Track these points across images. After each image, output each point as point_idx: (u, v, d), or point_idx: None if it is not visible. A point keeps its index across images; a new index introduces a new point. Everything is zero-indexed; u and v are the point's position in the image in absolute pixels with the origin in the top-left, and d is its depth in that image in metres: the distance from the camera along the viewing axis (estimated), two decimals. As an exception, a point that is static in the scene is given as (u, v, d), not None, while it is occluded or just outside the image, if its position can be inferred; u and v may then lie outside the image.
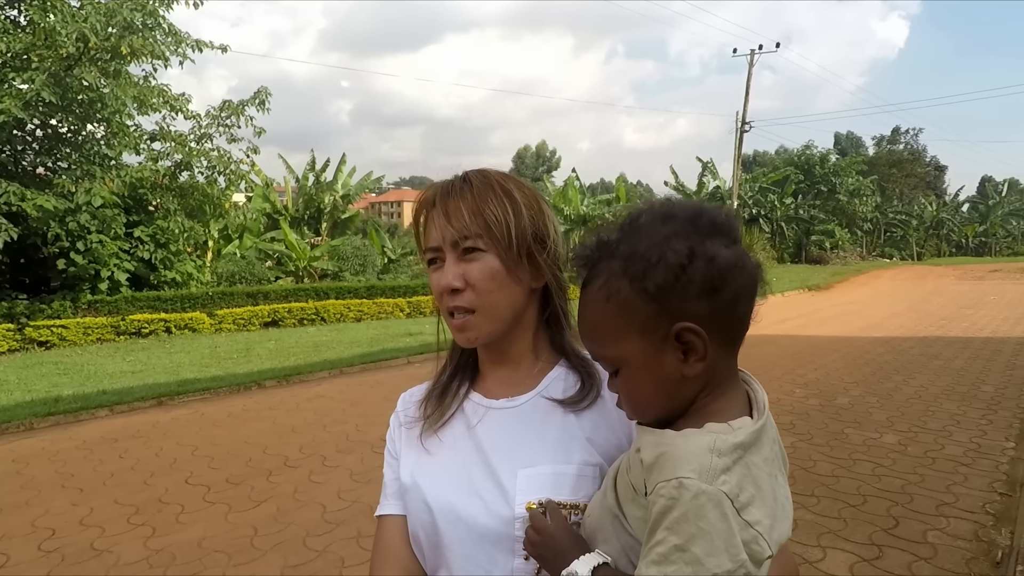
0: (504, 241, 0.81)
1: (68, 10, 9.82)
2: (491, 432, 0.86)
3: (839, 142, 55.35)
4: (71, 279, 11.13)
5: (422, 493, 0.85)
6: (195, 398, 6.99)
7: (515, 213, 0.82)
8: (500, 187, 0.84)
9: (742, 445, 0.63)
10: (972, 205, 48.96)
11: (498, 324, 0.84)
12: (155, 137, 11.90)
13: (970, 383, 6.88)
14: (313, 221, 24.58)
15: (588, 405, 0.85)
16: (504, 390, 0.89)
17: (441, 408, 0.91)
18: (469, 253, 0.82)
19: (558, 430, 0.84)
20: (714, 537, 0.58)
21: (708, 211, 0.68)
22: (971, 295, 17.31)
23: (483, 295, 0.82)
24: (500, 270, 0.82)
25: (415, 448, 0.90)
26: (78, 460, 5.00)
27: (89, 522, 3.81)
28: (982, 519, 3.49)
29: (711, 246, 0.65)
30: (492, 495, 0.81)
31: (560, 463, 0.81)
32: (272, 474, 4.53)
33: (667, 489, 0.60)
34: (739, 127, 25.36)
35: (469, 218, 0.81)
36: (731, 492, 0.59)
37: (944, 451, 4.64)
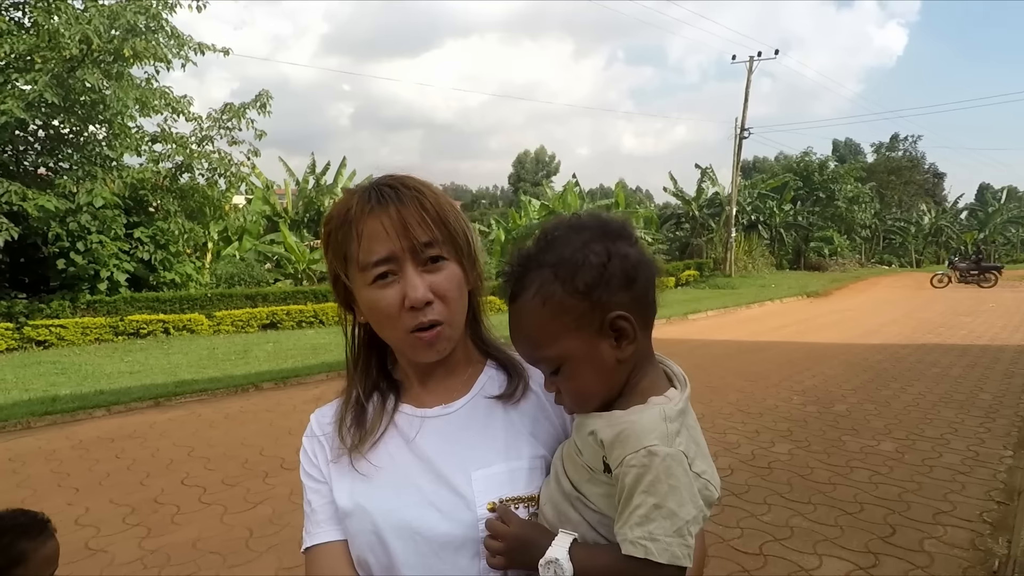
0: (464, 248, 0.81)
1: (72, 12, 9.87)
2: (433, 441, 0.83)
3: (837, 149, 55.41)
4: (70, 279, 11.14)
5: (369, 516, 0.80)
6: (192, 399, 6.98)
7: (464, 220, 0.83)
8: (442, 194, 0.82)
9: (682, 411, 0.74)
10: (971, 212, 49.06)
11: (459, 332, 0.84)
12: (156, 139, 11.93)
13: (968, 391, 6.88)
14: (313, 224, 24.58)
15: (521, 397, 0.86)
16: (438, 398, 0.86)
17: (365, 431, 0.85)
18: (435, 262, 0.78)
19: (503, 428, 0.84)
20: (682, 490, 0.68)
21: (610, 219, 0.78)
22: (969, 302, 17.32)
23: (451, 304, 0.80)
24: (461, 278, 0.81)
25: (348, 475, 0.84)
26: (74, 460, 4.99)
27: (84, 522, 3.80)
28: (979, 528, 3.49)
29: (621, 246, 0.75)
30: (448, 502, 0.78)
31: (512, 460, 0.81)
32: (268, 476, 4.53)
33: (636, 458, 0.69)
34: (738, 133, 25.43)
35: (434, 226, 0.78)
36: (686, 451, 0.70)
37: (942, 459, 4.64)
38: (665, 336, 11.24)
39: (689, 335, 11.57)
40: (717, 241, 26.73)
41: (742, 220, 28.18)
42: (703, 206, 29.33)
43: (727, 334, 11.76)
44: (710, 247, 26.54)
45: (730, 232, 25.34)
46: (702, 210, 29.21)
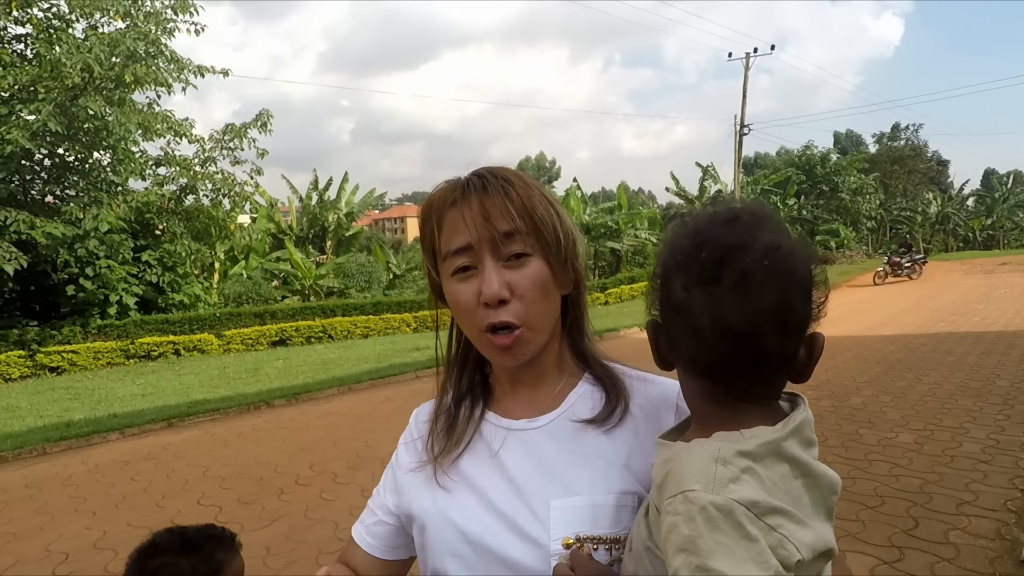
0: (553, 245, 0.74)
1: (73, 42, 10.03)
2: (515, 458, 0.77)
3: (839, 141, 55.27)
4: (80, 304, 11.24)
5: (447, 528, 0.77)
6: (205, 419, 7.00)
7: (558, 214, 0.75)
8: (536, 187, 0.76)
9: (750, 454, 0.58)
10: (978, 198, 48.71)
11: (542, 338, 0.76)
12: (160, 162, 12.07)
13: (985, 378, 6.79)
14: (318, 239, 24.75)
15: (618, 423, 0.78)
16: (525, 410, 0.80)
17: (452, 440, 0.81)
18: (517, 258, 0.73)
19: (592, 456, 0.76)
20: (734, 549, 0.53)
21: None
22: (981, 289, 17.15)
23: (531, 306, 0.73)
24: (548, 277, 0.74)
25: (429, 485, 0.81)
26: (91, 484, 5.01)
27: (102, 545, 3.80)
28: (1004, 517, 3.43)
29: None
30: (523, 528, 0.73)
31: (597, 493, 0.73)
32: (283, 493, 4.52)
33: (673, 505, 0.57)
34: (738, 130, 25.41)
35: (518, 217, 0.72)
36: (743, 499, 0.55)
37: (962, 448, 4.57)
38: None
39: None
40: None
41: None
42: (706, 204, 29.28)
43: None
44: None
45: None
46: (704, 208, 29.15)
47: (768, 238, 0.61)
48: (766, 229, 0.62)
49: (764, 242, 0.60)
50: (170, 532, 1.23)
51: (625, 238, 25.05)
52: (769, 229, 0.62)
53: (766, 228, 0.62)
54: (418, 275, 22.89)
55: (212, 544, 1.22)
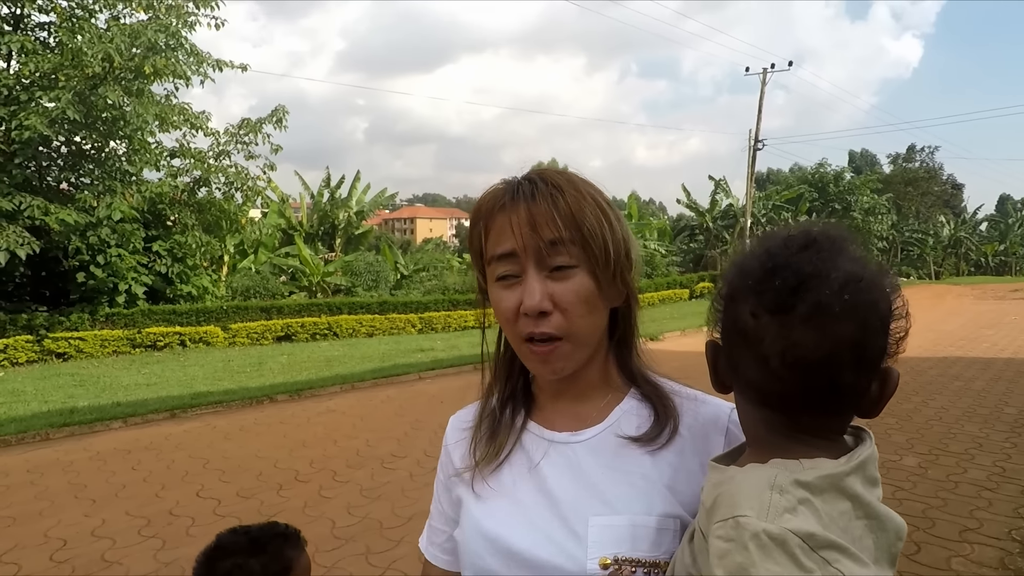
0: (601, 258, 0.71)
1: (95, 31, 10.14)
2: (556, 472, 0.75)
3: (853, 160, 55.05)
4: (90, 292, 11.32)
5: (484, 541, 0.76)
6: (207, 411, 7.02)
7: (609, 224, 0.72)
8: (589, 194, 0.73)
9: (808, 485, 0.55)
10: (991, 223, 48.29)
11: (585, 352, 0.75)
12: (175, 154, 12.16)
13: (992, 405, 6.71)
14: (327, 237, 24.85)
15: (666, 443, 0.75)
16: (568, 422, 0.78)
17: (494, 447, 0.80)
18: (560, 270, 0.71)
19: (635, 475, 0.74)
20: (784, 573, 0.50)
21: None
22: (991, 315, 16.99)
23: (573, 320, 0.71)
24: (593, 290, 0.72)
25: (468, 492, 0.81)
26: (92, 471, 5.03)
27: (100, 533, 3.82)
28: (1008, 546, 3.39)
29: None
30: (560, 544, 0.71)
31: (638, 514, 0.71)
32: (282, 488, 4.52)
33: (724, 530, 0.54)
34: (752, 145, 25.34)
35: (564, 228, 0.70)
36: (799, 531, 0.52)
37: (967, 475, 4.52)
38: (680, 348, 11.13)
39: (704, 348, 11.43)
40: (731, 253, 26.46)
41: (756, 232, 28.00)
42: (717, 218, 29.20)
43: (742, 346, 11.62)
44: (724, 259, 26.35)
45: (744, 244, 25.11)
46: (716, 222, 29.08)
47: (848, 268, 0.58)
48: (846, 257, 0.59)
49: (844, 272, 0.57)
50: (234, 532, 1.22)
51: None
52: (849, 257, 0.59)
53: (845, 256, 0.59)
54: (425, 276, 22.92)
55: (279, 542, 1.21)
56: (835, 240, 0.60)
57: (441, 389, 8.13)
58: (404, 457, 5.19)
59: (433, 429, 6.05)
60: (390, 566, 3.32)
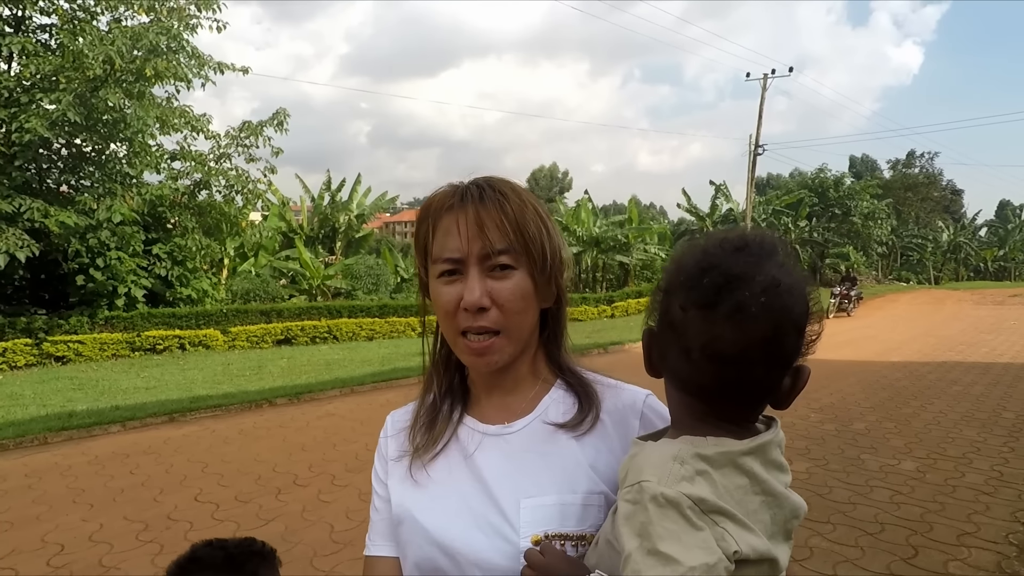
0: (539, 261, 0.77)
1: (96, 34, 10.19)
2: (490, 460, 0.80)
3: (854, 165, 55.11)
4: (89, 295, 11.33)
5: (420, 527, 0.79)
6: (206, 415, 7.02)
7: (547, 231, 0.79)
8: (530, 202, 0.79)
9: (708, 459, 0.62)
10: (991, 229, 48.35)
11: (518, 347, 0.80)
12: (175, 156, 12.19)
13: (990, 409, 6.72)
14: (327, 240, 24.88)
15: (588, 429, 0.81)
16: (500, 414, 0.84)
17: (431, 436, 0.84)
18: (501, 270, 0.76)
19: (561, 458, 0.79)
20: (682, 536, 0.57)
21: None
22: (991, 320, 16.99)
23: (510, 316, 0.77)
24: (530, 290, 0.77)
25: (405, 481, 0.84)
26: (90, 475, 5.02)
27: (98, 538, 3.81)
28: (1005, 550, 3.38)
29: None
30: (494, 528, 0.76)
31: (565, 493, 0.76)
32: (281, 492, 4.52)
33: (629, 495, 0.61)
34: (752, 150, 25.39)
35: (509, 232, 0.75)
36: (691, 495, 0.59)
37: (964, 479, 4.52)
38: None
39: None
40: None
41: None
42: (717, 222, 29.23)
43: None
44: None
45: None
46: (716, 226, 29.09)
47: (771, 273, 0.62)
48: (771, 262, 0.63)
49: (766, 277, 0.62)
50: (210, 546, 1.20)
51: (634, 252, 25.00)
52: (774, 263, 0.64)
53: (771, 261, 0.64)
54: (425, 280, 22.90)
55: (255, 561, 1.19)
56: (766, 246, 0.65)
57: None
58: (403, 461, 5.20)
59: (432, 433, 6.06)
60: (388, 570, 3.31)
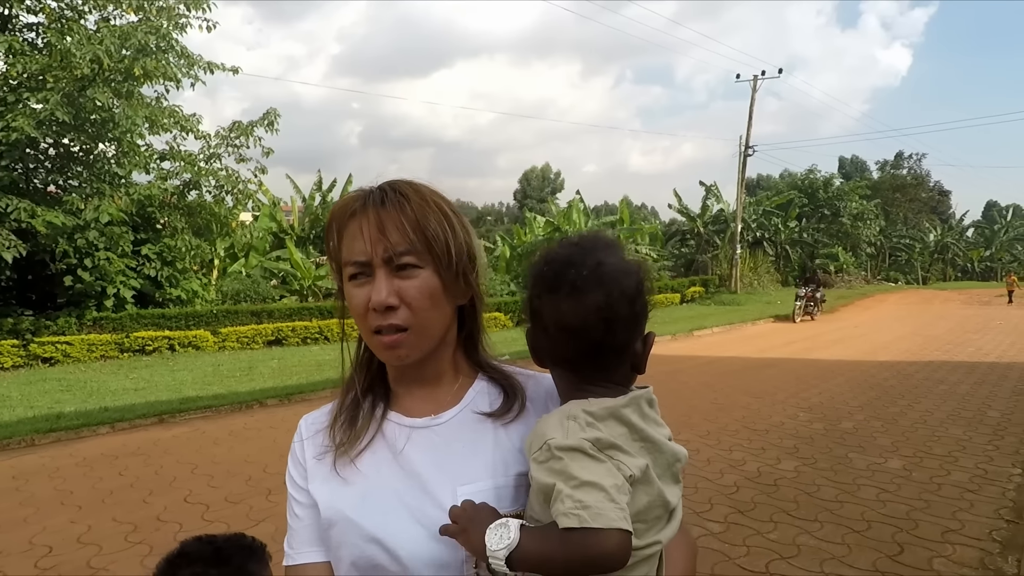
0: (444, 259, 0.78)
1: (85, 33, 10.09)
2: (419, 454, 0.81)
3: (843, 166, 55.57)
4: (77, 296, 11.22)
5: (357, 526, 0.78)
6: (196, 416, 6.98)
7: (452, 229, 0.80)
8: (434, 202, 0.80)
9: (593, 414, 0.74)
10: (978, 230, 48.92)
11: (430, 343, 0.82)
12: (165, 156, 12.10)
13: (976, 408, 6.81)
14: (319, 240, 24.76)
15: (515, 417, 0.85)
16: (426, 407, 0.85)
17: (355, 433, 0.84)
18: (406, 269, 0.78)
19: (492, 445, 0.82)
20: (592, 467, 0.69)
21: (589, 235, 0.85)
22: (977, 320, 17.20)
23: (418, 313, 0.78)
24: (437, 288, 0.79)
25: (330, 480, 0.82)
26: (78, 477, 4.99)
27: (87, 540, 3.79)
28: (988, 547, 3.44)
29: None
30: (433, 518, 0.76)
31: (499, 476, 0.80)
32: (272, 493, 4.51)
33: (540, 455, 0.73)
34: (743, 151, 25.55)
35: (410, 232, 0.77)
36: (588, 438, 0.71)
37: (950, 477, 4.58)
38: (671, 352, 11.19)
39: (695, 352, 11.52)
40: (722, 258, 26.72)
41: (747, 237, 28.17)
42: (708, 223, 29.36)
43: (733, 351, 11.70)
44: (715, 264, 26.54)
45: (735, 249, 25.31)
46: (707, 227, 29.24)
47: (599, 257, 0.77)
48: (596, 250, 0.78)
49: (594, 260, 0.77)
50: (199, 541, 1.21)
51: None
52: (598, 250, 0.78)
53: (596, 249, 0.78)
54: (417, 280, 22.87)
55: (243, 555, 1.20)
56: (596, 241, 0.80)
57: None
58: (394, 461, 5.20)
59: (423, 433, 6.06)
60: (379, 570, 3.32)
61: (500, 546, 0.68)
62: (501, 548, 0.68)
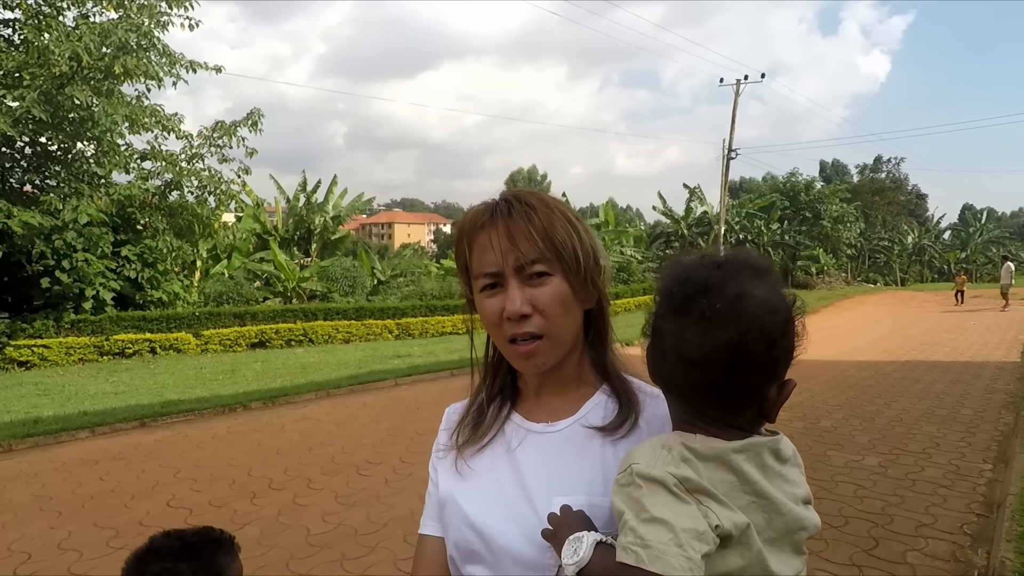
0: (572, 265, 0.81)
1: (63, 30, 9.92)
2: (530, 456, 0.85)
3: (824, 169, 56.48)
4: (55, 298, 11.02)
5: (462, 512, 0.85)
6: (179, 419, 6.91)
7: (578, 235, 0.83)
8: (559, 210, 0.83)
9: (694, 451, 0.68)
10: (954, 232, 49.97)
11: (564, 349, 0.84)
12: (146, 156, 11.94)
13: (950, 406, 6.98)
14: (303, 242, 24.58)
15: (626, 434, 0.84)
16: (545, 414, 0.88)
17: (479, 433, 0.90)
18: (538, 277, 0.80)
19: (596, 460, 0.82)
20: (671, 505, 0.63)
21: None
22: (953, 320, 17.58)
23: (552, 320, 0.81)
24: (568, 294, 0.82)
25: (450, 474, 0.91)
26: (57, 482, 4.92)
27: (67, 546, 3.74)
28: (960, 540, 3.54)
29: None
30: (527, 520, 0.79)
31: (596, 495, 0.79)
32: (256, 496, 4.49)
33: (622, 477, 0.69)
34: (726, 154, 25.86)
35: (539, 241, 0.80)
36: (676, 474, 0.65)
37: (924, 473, 4.70)
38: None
39: None
40: None
41: (730, 239, 28.51)
42: (692, 225, 29.70)
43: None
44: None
45: (718, 251, 25.55)
46: (691, 229, 29.57)
47: (740, 286, 0.68)
48: (742, 278, 0.69)
49: (734, 288, 0.68)
50: (168, 536, 1.22)
51: (610, 255, 25.28)
52: (744, 278, 0.69)
53: (742, 276, 0.69)
54: (402, 282, 22.81)
55: (212, 548, 1.21)
56: (743, 263, 0.72)
57: (418, 395, 8.12)
58: (380, 464, 5.19)
59: (409, 436, 6.05)
60: (364, 572, 3.33)
61: (572, 560, 0.68)
62: (572, 563, 0.68)
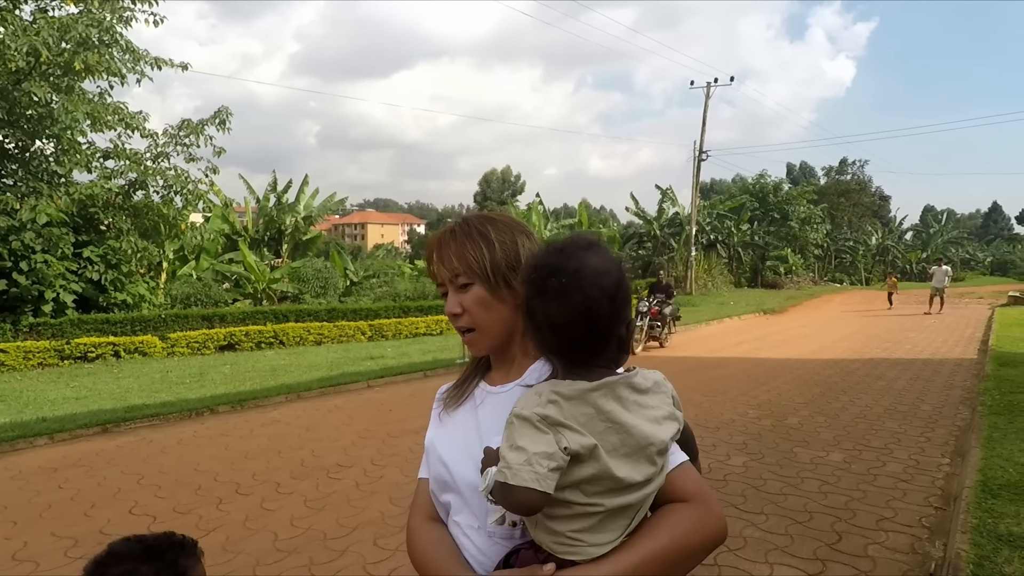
0: (483, 275, 1.05)
1: (20, 24, 9.58)
2: (487, 411, 1.10)
3: (791, 171, 57.75)
4: (12, 300, 10.63)
5: (438, 454, 1.12)
6: (143, 424, 6.72)
7: (490, 251, 1.06)
8: (478, 231, 1.08)
9: (561, 394, 0.90)
10: (915, 233, 51.63)
11: (494, 338, 1.10)
12: (108, 155, 11.61)
13: (910, 402, 7.20)
14: (273, 242, 24.16)
15: None
16: (501, 379, 1.14)
17: (457, 395, 1.17)
18: (464, 287, 1.07)
19: None
20: (531, 435, 0.87)
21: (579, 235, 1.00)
22: (914, 318, 18.16)
23: (476, 317, 1.07)
24: (486, 297, 1.06)
25: (435, 423, 1.19)
26: (13, 491, 4.74)
27: (22, 556, 3.61)
28: (918, 532, 3.66)
29: None
30: (478, 457, 1.02)
31: None
32: (222, 502, 4.39)
33: (508, 418, 0.92)
34: (697, 156, 26.27)
35: (456, 261, 1.07)
36: (538, 413, 0.88)
37: (885, 468, 4.84)
38: (627, 353, 11.38)
39: (651, 352, 11.77)
40: (678, 260, 27.39)
41: (702, 240, 28.96)
42: (664, 225, 30.06)
43: (688, 351, 12.02)
44: (671, 265, 27.17)
45: (690, 251, 26.00)
46: (663, 230, 29.93)
47: (578, 261, 0.91)
48: (578, 254, 0.92)
49: (574, 264, 0.91)
50: (128, 540, 1.20)
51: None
52: (579, 254, 0.92)
53: (577, 254, 0.92)
54: (375, 283, 22.59)
55: (175, 551, 1.19)
56: (578, 244, 0.94)
57: (390, 397, 8.05)
58: (350, 467, 5.13)
59: (381, 438, 6.00)
60: (334, 577, 3.28)
61: (482, 487, 0.92)
62: (482, 488, 0.92)
